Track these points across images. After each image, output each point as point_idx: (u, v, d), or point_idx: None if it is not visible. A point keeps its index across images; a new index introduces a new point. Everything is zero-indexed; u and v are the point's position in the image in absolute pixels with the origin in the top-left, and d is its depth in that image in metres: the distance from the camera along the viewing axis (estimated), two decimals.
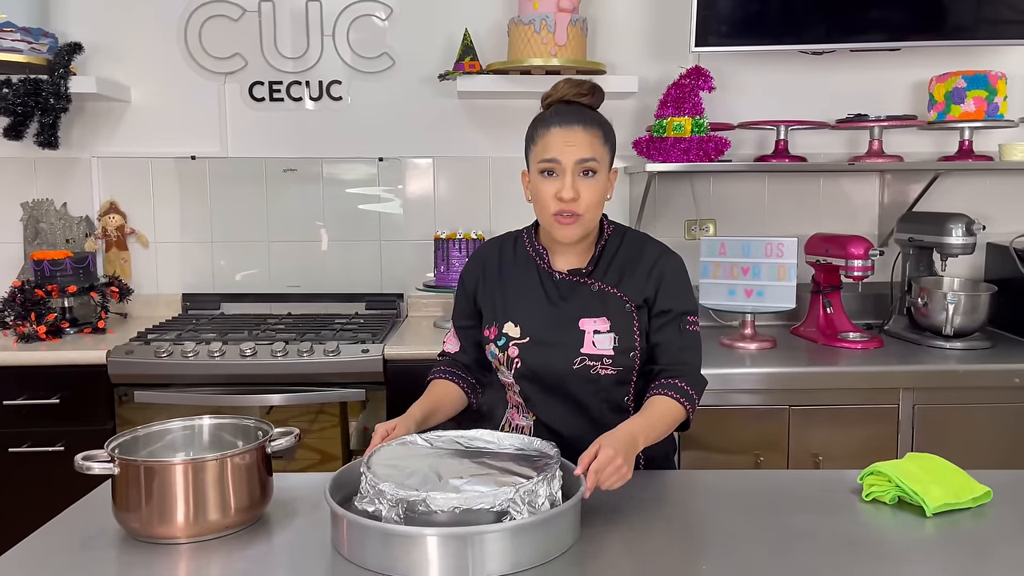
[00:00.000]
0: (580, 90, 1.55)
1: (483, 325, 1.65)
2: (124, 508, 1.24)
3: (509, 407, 1.69)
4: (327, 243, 3.06)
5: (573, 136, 1.49)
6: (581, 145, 1.49)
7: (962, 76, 2.70)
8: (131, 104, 3.01)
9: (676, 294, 1.58)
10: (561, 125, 1.51)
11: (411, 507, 1.12)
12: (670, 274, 1.58)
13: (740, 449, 2.40)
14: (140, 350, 2.47)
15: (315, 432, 2.54)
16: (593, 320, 1.55)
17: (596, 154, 1.50)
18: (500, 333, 1.59)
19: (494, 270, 1.66)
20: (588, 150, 1.49)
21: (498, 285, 1.64)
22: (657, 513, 1.35)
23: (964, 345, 2.58)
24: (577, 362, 1.53)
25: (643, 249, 1.61)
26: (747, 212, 3.06)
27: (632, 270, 1.59)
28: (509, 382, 1.62)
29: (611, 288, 1.58)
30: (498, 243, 1.71)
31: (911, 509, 1.32)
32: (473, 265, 1.70)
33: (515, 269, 1.64)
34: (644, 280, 1.57)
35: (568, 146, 1.49)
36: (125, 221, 3.04)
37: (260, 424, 1.37)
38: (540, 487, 1.17)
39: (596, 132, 1.51)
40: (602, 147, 1.52)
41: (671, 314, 1.57)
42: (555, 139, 1.50)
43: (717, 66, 2.80)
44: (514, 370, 1.58)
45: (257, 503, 1.28)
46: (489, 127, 3.02)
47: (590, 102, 1.56)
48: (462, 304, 1.71)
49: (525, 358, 1.56)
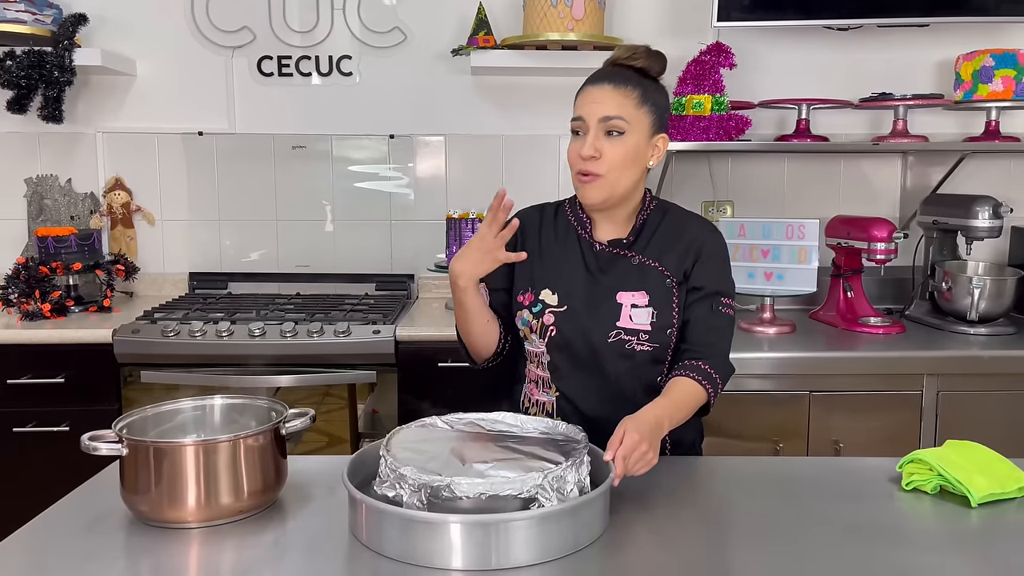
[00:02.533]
0: (634, 54, 1.51)
1: (516, 291, 1.58)
2: (133, 491, 1.19)
3: (527, 382, 1.62)
4: (333, 223, 3.00)
5: (600, 93, 1.46)
6: (606, 103, 1.44)
7: (990, 54, 2.63)
8: (137, 78, 2.94)
9: (712, 272, 1.53)
10: (593, 84, 1.48)
11: (435, 492, 1.06)
12: (709, 251, 1.53)
13: (758, 435, 2.35)
14: (147, 329, 2.42)
15: (322, 414, 2.49)
16: (631, 294, 1.49)
17: (625, 114, 1.44)
18: (536, 299, 1.54)
19: (534, 234, 1.61)
20: (613, 108, 1.44)
21: (536, 250, 1.59)
22: (686, 501, 1.30)
23: (988, 331, 2.52)
24: (612, 335, 1.48)
25: (687, 224, 1.56)
26: (765, 193, 2.99)
27: (674, 245, 1.53)
28: (538, 351, 1.56)
29: (652, 262, 1.52)
30: (537, 209, 1.66)
31: (954, 499, 1.26)
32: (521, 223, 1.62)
33: (555, 236, 1.59)
34: (684, 254, 1.52)
35: (593, 103, 1.45)
36: (131, 198, 2.98)
37: (274, 405, 1.32)
38: (569, 473, 1.11)
39: (629, 92, 1.46)
40: (635, 108, 1.45)
41: (703, 291, 1.52)
42: (584, 97, 1.48)
43: (737, 42, 2.72)
44: (548, 339, 1.52)
45: (271, 486, 1.23)
46: (503, 104, 2.95)
47: (643, 65, 1.50)
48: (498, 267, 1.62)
49: (561, 326, 1.51)
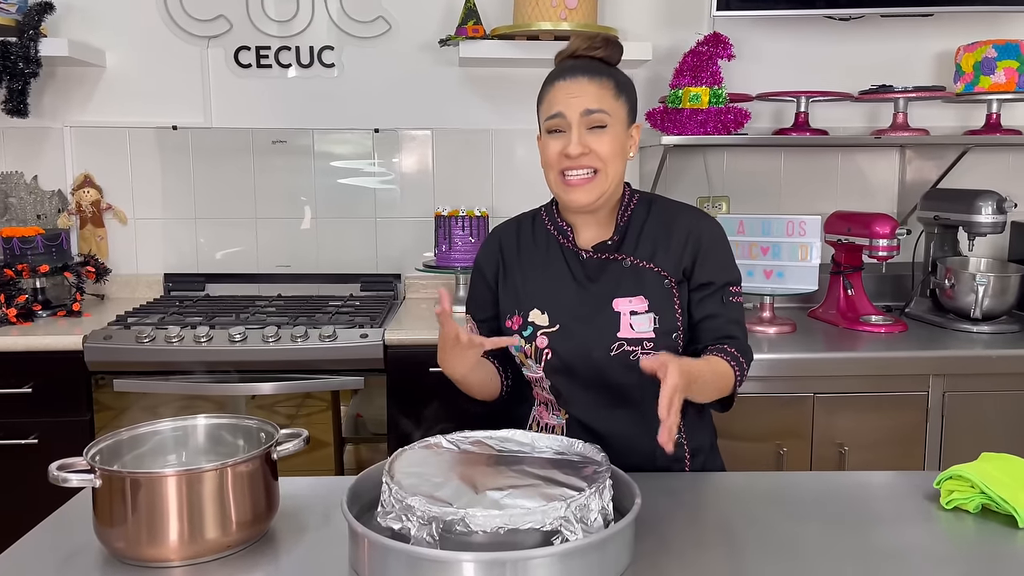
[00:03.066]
0: (592, 43, 1.42)
1: (503, 316, 1.48)
2: (107, 524, 1.07)
3: (536, 404, 1.52)
4: (313, 220, 2.88)
5: (577, 87, 1.37)
6: (586, 96, 1.36)
7: (993, 45, 2.56)
8: (107, 69, 2.80)
9: (718, 263, 1.44)
10: (565, 78, 1.39)
11: (447, 527, 0.96)
12: (709, 242, 1.44)
13: (761, 438, 2.27)
14: (119, 335, 2.29)
15: (303, 416, 2.39)
16: (628, 300, 1.40)
17: (605, 106, 1.37)
18: (525, 322, 1.44)
19: (512, 253, 1.51)
20: (595, 101, 1.36)
21: (518, 269, 1.49)
22: (713, 525, 1.20)
23: (992, 329, 2.46)
24: (615, 348, 1.38)
25: (676, 216, 1.46)
26: (762, 189, 2.91)
27: (666, 241, 1.43)
28: (538, 377, 1.46)
29: (645, 263, 1.43)
30: (514, 223, 1.56)
31: (999, 519, 1.18)
32: (490, 248, 1.54)
33: (535, 250, 1.49)
34: (680, 250, 1.42)
35: (571, 98, 1.37)
36: (101, 196, 2.84)
37: (263, 425, 1.20)
38: (592, 500, 1.01)
39: (605, 83, 1.38)
40: (613, 100, 1.38)
41: (713, 287, 1.43)
42: (559, 93, 1.39)
43: (733, 33, 2.63)
44: (544, 363, 1.42)
45: (262, 517, 1.12)
46: (493, 97, 2.84)
47: (604, 55, 1.42)
48: (481, 293, 1.55)
49: (556, 348, 1.41)
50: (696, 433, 1.48)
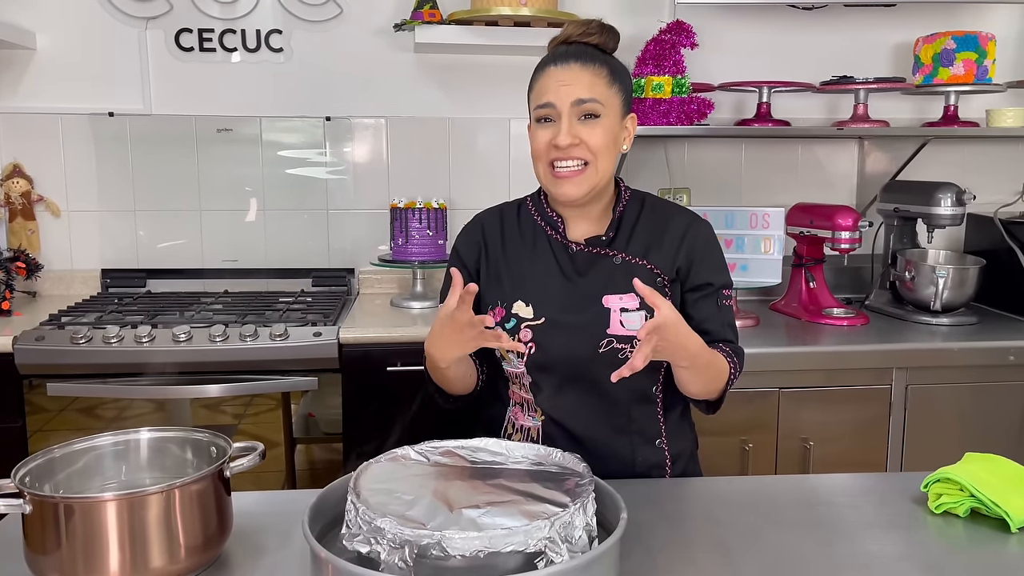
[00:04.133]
0: (587, 29, 1.35)
1: (483, 308, 1.41)
2: (39, 552, 0.97)
3: (511, 405, 1.45)
4: (260, 212, 2.75)
5: (568, 74, 1.30)
6: (578, 84, 1.30)
7: (952, 37, 2.56)
8: (37, 52, 2.62)
9: (714, 266, 1.40)
10: (557, 64, 1.32)
11: (422, 551, 0.88)
12: (704, 244, 1.40)
13: (726, 433, 2.23)
14: (53, 335, 2.14)
15: (251, 416, 2.28)
16: (619, 297, 1.33)
17: (598, 95, 1.30)
18: (508, 314, 1.37)
19: (496, 241, 1.43)
20: (587, 90, 1.30)
21: (502, 259, 1.42)
22: (699, 536, 1.14)
23: (951, 321, 2.47)
24: (604, 344, 1.32)
25: (670, 215, 1.41)
26: (722, 180, 2.88)
27: (659, 239, 1.39)
28: (518, 372, 1.39)
29: (638, 260, 1.37)
30: (497, 211, 1.48)
31: (990, 523, 1.15)
32: (470, 237, 1.46)
33: (521, 240, 1.43)
34: (675, 250, 1.38)
35: (563, 86, 1.30)
36: (32, 187, 2.66)
37: (215, 439, 1.10)
38: (576, 517, 0.94)
39: (598, 71, 1.31)
40: (607, 88, 1.31)
41: (710, 289, 1.38)
42: (550, 80, 1.32)
43: (695, 21, 2.58)
44: (527, 357, 1.35)
45: (214, 541, 1.02)
46: (449, 84, 2.75)
47: (599, 41, 1.35)
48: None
49: (541, 342, 1.35)
50: (677, 439, 1.43)
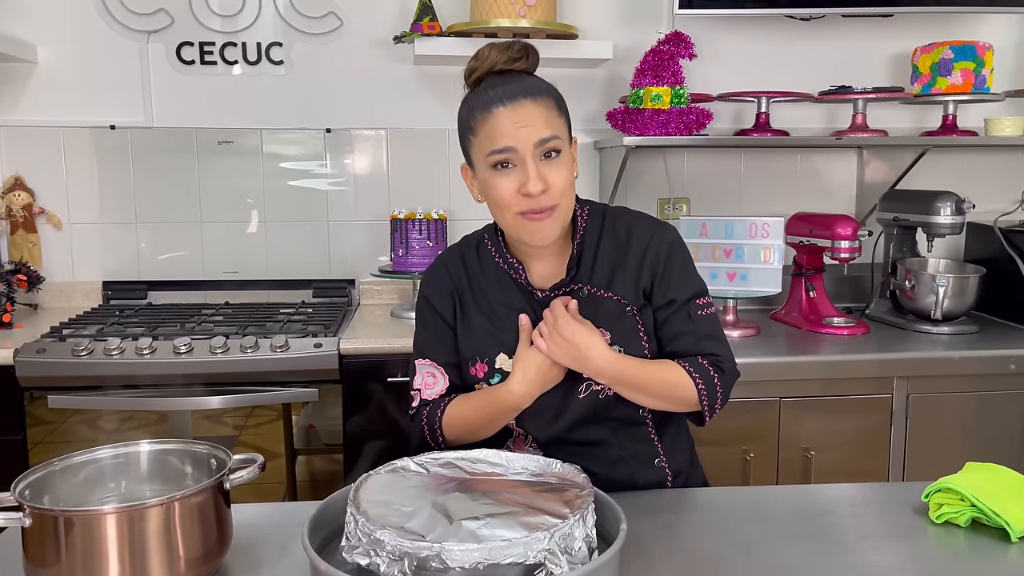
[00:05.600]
0: (511, 54, 1.25)
1: (464, 363, 1.35)
2: (39, 565, 0.97)
3: (513, 436, 1.40)
4: (261, 224, 2.75)
5: (523, 113, 1.20)
6: (536, 123, 1.20)
7: (949, 46, 2.57)
8: (38, 65, 2.63)
9: (678, 278, 1.32)
10: (505, 103, 1.21)
11: (422, 564, 0.88)
12: (667, 256, 1.31)
13: (727, 443, 2.23)
14: (54, 348, 2.15)
15: (251, 428, 2.28)
16: None
17: (555, 129, 1.22)
18: (492, 369, 1.31)
19: (464, 289, 1.36)
20: (546, 127, 1.21)
21: (474, 307, 1.34)
22: (699, 547, 1.14)
23: (952, 329, 2.47)
24: (583, 390, 1.30)
25: (630, 230, 1.33)
26: (722, 190, 2.88)
27: (622, 261, 1.31)
28: (509, 425, 1.36)
29: (602, 292, 1.31)
30: (456, 254, 1.40)
31: (990, 533, 1.14)
32: (440, 282, 1.38)
33: (487, 284, 1.35)
34: (638, 271, 1.31)
35: (521, 127, 1.20)
36: (33, 199, 2.67)
37: (214, 451, 1.10)
38: (576, 528, 0.94)
39: (547, 102, 1.23)
40: (558, 118, 1.24)
41: (675, 304, 1.31)
42: (502, 122, 1.21)
43: (694, 32, 2.59)
44: None
45: (213, 553, 1.02)
46: (449, 96, 2.75)
47: (526, 67, 1.27)
48: (442, 335, 1.36)
49: None
50: (675, 453, 1.40)
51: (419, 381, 1.37)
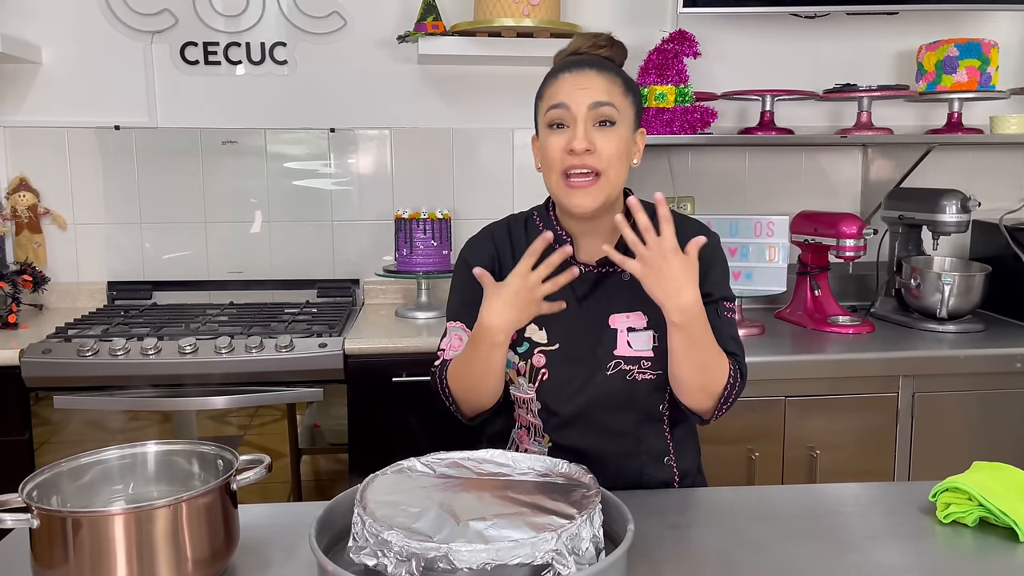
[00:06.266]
0: (596, 42, 1.34)
1: None
2: (47, 567, 0.97)
3: (517, 427, 1.43)
4: (266, 224, 2.75)
5: (585, 79, 1.27)
6: (594, 88, 1.27)
7: (954, 44, 2.56)
8: (43, 66, 2.64)
9: (716, 277, 1.36)
10: (572, 70, 1.29)
11: (429, 564, 0.88)
12: (711, 256, 1.35)
13: (732, 442, 2.23)
14: (59, 348, 2.15)
15: (256, 428, 2.28)
16: (625, 316, 1.31)
17: (615, 100, 1.27)
18: (521, 337, 1.34)
19: (507, 256, 1.39)
20: (603, 93, 1.27)
21: None
22: (706, 547, 1.14)
23: (958, 328, 2.46)
24: (611, 367, 1.31)
25: (679, 227, 1.33)
26: (726, 189, 2.88)
27: None
28: (527, 397, 1.36)
29: None
30: (504, 225, 1.44)
31: (999, 533, 1.14)
32: (483, 248, 1.41)
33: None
34: None
35: (579, 89, 1.27)
36: (38, 200, 2.68)
37: (221, 452, 1.10)
38: (583, 529, 0.94)
39: (614, 78, 1.29)
40: (623, 96, 1.29)
41: (710, 298, 1.33)
42: (564, 84, 1.28)
43: (697, 31, 2.59)
44: (539, 383, 1.33)
45: (221, 554, 1.02)
46: (453, 95, 2.76)
47: (609, 54, 1.34)
48: (475, 298, 1.34)
49: (554, 368, 1.32)
50: (684, 455, 1.41)
51: (446, 342, 1.39)
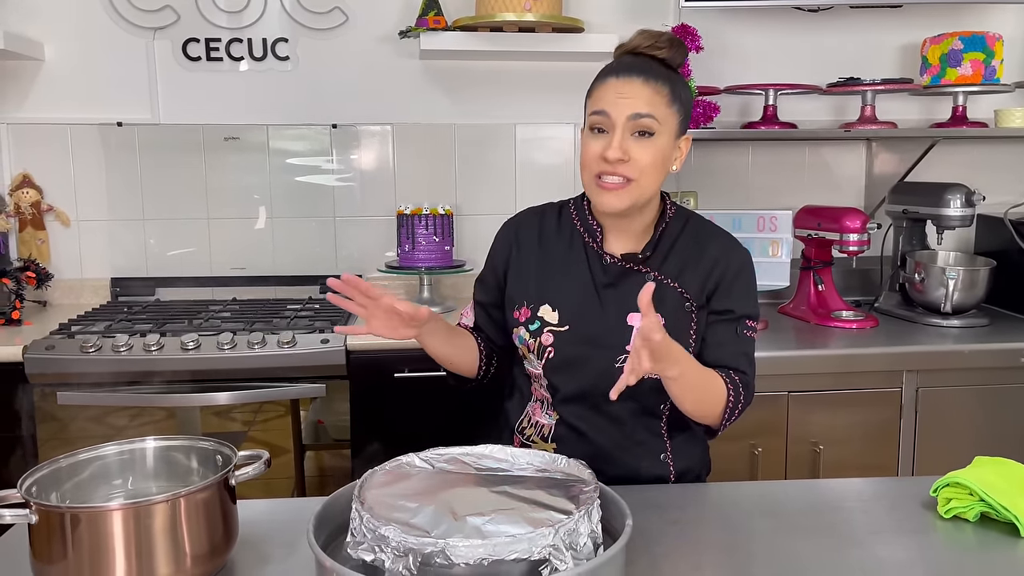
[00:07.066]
0: (656, 42, 1.32)
1: (511, 305, 1.43)
2: (45, 562, 0.97)
3: (532, 400, 1.47)
4: (268, 220, 2.75)
5: (630, 88, 1.28)
6: (637, 98, 1.28)
7: (959, 37, 2.55)
8: (45, 63, 2.64)
9: (741, 294, 1.38)
10: (619, 75, 1.30)
11: (426, 559, 0.88)
12: (736, 270, 1.38)
13: (735, 438, 2.21)
14: (63, 344, 2.15)
15: (259, 424, 2.29)
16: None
17: (656, 112, 1.28)
18: (534, 316, 1.38)
19: (532, 241, 1.44)
20: (645, 105, 1.28)
21: (535, 259, 1.42)
22: (705, 542, 1.14)
23: (962, 323, 2.45)
24: (620, 360, 1.32)
25: (710, 239, 1.40)
26: (730, 183, 2.87)
27: (695, 262, 1.38)
28: (536, 373, 1.41)
29: (670, 281, 1.37)
30: (538, 211, 1.49)
31: (1000, 528, 1.14)
32: (506, 233, 1.49)
33: (558, 244, 1.43)
34: (707, 274, 1.37)
35: (621, 98, 1.28)
36: (41, 197, 2.68)
37: (220, 447, 1.10)
38: (581, 524, 0.94)
39: (660, 88, 1.29)
40: (667, 107, 1.29)
41: (731, 315, 1.37)
42: (609, 90, 1.30)
43: (700, 25, 2.57)
44: (545, 360, 1.37)
45: (219, 549, 1.02)
46: (455, 90, 2.75)
47: (667, 56, 1.33)
48: (487, 280, 1.51)
49: (560, 348, 1.36)
50: (684, 458, 1.43)
51: (465, 309, 1.56)
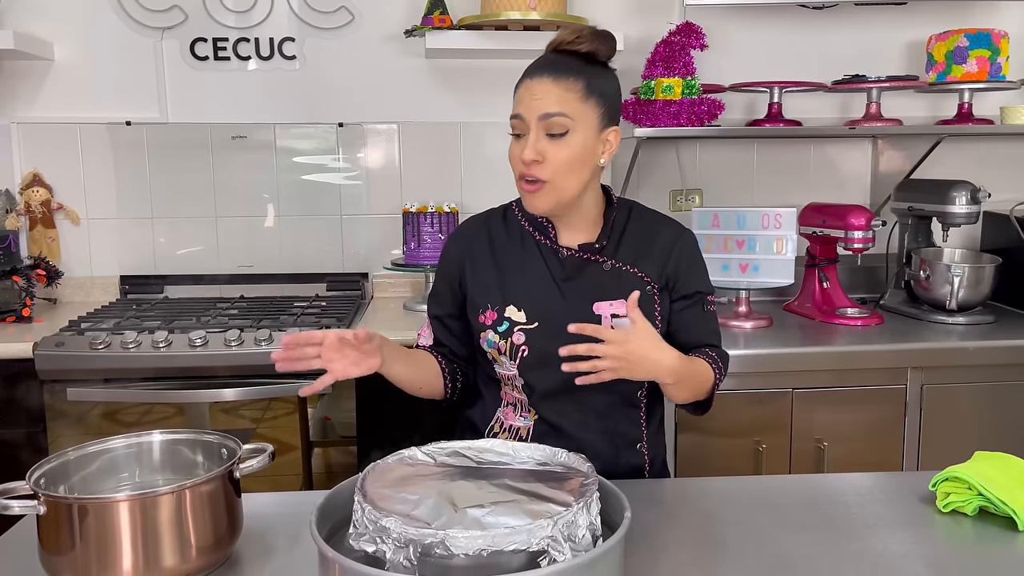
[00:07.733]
0: (578, 36, 1.32)
1: (474, 310, 1.43)
2: (53, 553, 0.99)
3: (503, 405, 1.47)
4: (276, 218, 2.78)
5: (539, 88, 1.29)
6: (546, 98, 1.28)
7: (964, 34, 2.54)
8: (55, 63, 2.67)
9: (700, 274, 1.46)
10: (532, 76, 1.31)
11: (426, 550, 0.89)
12: (691, 253, 1.45)
13: (739, 434, 2.23)
14: (72, 341, 2.18)
15: (267, 421, 2.30)
16: (609, 303, 1.35)
17: (568, 110, 1.28)
18: (501, 317, 1.39)
19: (483, 248, 1.45)
20: (555, 104, 1.28)
21: (491, 263, 1.43)
22: (704, 536, 1.15)
23: (967, 320, 2.45)
24: None
25: (656, 224, 1.45)
26: (734, 181, 2.87)
27: (648, 248, 1.42)
28: (510, 375, 1.41)
29: (627, 267, 1.40)
30: (483, 218, 1.50)
31: (998, 522, 1.14)
32: (456, 246, 1.49)
33: (509, 246, 1.44)
34: (664, 258, 1.42)
35: (533, 99, 1.29)
36: (51, 195, 2.71)
37: (225, 440, 1.12)
38: (580, 516, 0.95)
39: (572, 84, 1.28)
40: (580, 102, 1.29)
41: (698, 297, 1.43)
42: (523, 92, 1.32)
43: (705, 22, 2.57)
44: (520, 359, 1.37)
45: (224, 541, 1.04)
46: (461, 89, 2.76)
47: (589, 49, 1.32)
48: (441, 292, 1.50)
49: (534, 344, 1.37)
50: (655, 445, 1.48)
51: (422, 328, 1.54)
